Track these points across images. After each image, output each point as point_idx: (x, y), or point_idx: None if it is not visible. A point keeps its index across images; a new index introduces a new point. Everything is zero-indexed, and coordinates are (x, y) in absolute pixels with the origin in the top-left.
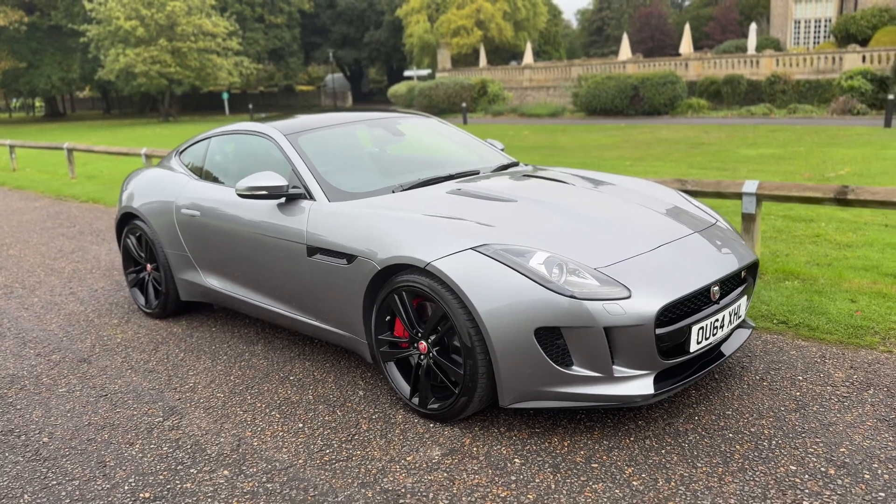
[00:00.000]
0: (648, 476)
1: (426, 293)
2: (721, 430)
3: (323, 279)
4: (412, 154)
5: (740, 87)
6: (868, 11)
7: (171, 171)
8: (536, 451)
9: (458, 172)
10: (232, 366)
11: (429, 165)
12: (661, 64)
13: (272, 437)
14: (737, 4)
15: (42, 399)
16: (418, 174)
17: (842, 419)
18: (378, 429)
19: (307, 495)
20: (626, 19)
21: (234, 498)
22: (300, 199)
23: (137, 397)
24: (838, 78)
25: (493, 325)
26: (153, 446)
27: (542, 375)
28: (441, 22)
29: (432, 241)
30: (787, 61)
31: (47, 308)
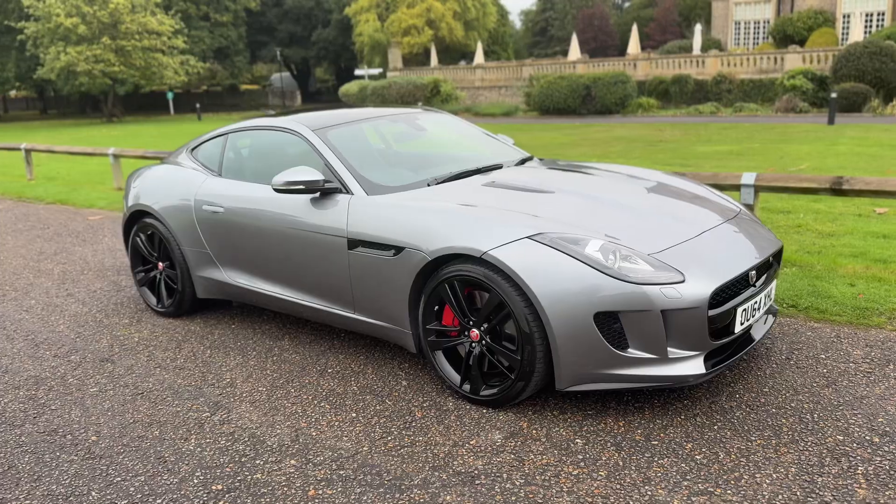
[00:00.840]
0: (708, 450)
1: (480, 282)
2: (764, 406)
3: (366, 272)
4: (435, 148)
5: (688, 86)
6: (804, 13)
7: (184, 168)
8: (595, 432)
9: (485, 166)
10: (264, 361)
11: (453, 159)
12: (610, 64)
13: (329, 427)
14: (676, 6)
15: (76, 399)
16: (447, 168)
17: (872, 392)
18: (433, 416)
19: (382, 480)
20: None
21: (310, 486)
22: (335, 193)
23: (176, 394)
24: (781, 77)
25: (553, 311)
26: (209, 440)
27: (599, 358)
28: (391, 21)
29: (486, 231)
30: (732, 61)
31: (48, 310)
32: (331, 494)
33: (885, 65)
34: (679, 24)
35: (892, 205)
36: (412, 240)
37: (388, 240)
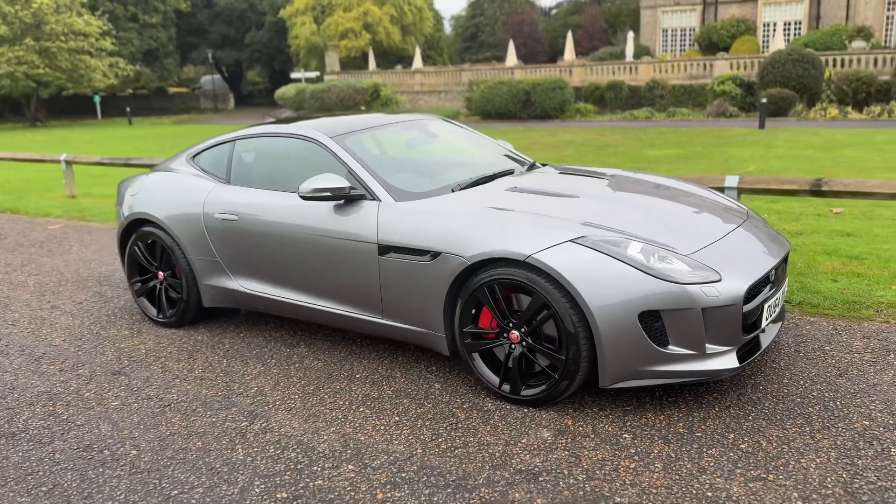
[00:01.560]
0: (750, 439)
1: (523, 285)
2: (788, 396)
3: (397, 277)
4: (445, 154)
5: (622, 92)
6: (727, 21)
7: (187, 176)
8: (639, 426)
9: (499, 172)
10: (287, 368)
11: (466, 165)
12: (546, 70)
13: (375, 431)
14: (602, 14)
15: (100, 413)
16: (462, 173)
17: (882, 380)
18: (476, 417)
19: (447, 480)
20: (499, 26)
21: (377, 489)
22: (361, 200)
23: (205, 405)
24: (711, 83)
25: (599, 312)
26: (257, 450)
27: (641, 356)
28: (328, 24)
29: (527, 235)
30: (664, 68)
31: (37, 323)
32: (400, 497)
33: (808, 71)
34: (605, 31)
35: (856, 204)
36: (449, 245)
37: (423, 246)
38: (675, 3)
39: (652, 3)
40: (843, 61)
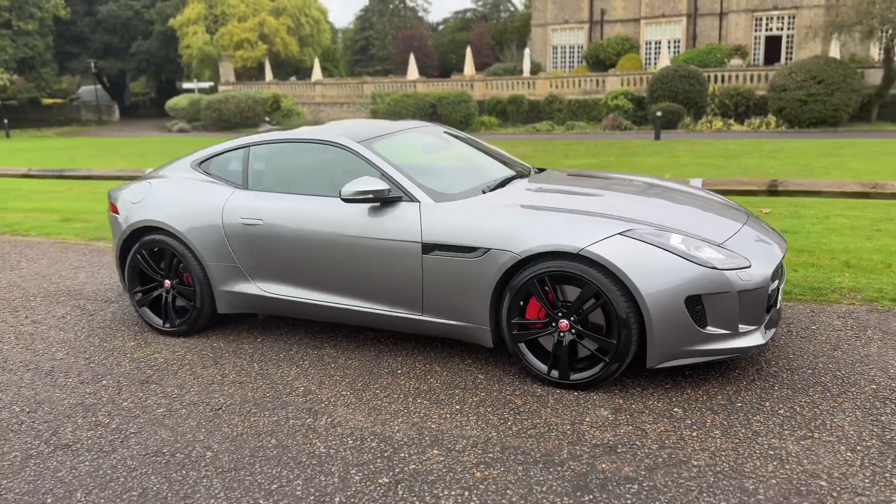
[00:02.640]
0: (785, 406)
1: (575, 276)
2: (800, 369)
3: (442, 274)
4: (457, 159)
5: (523, 106)
6: (613, 40)
7: (197, 182)
8: (684, 401)
9: (517, 174)
10: (324, 369)
11: (483, 168)
12: (448, 84)
13: (442, 419)
14: (489, 31)
15: (150, 420)
16: (486, 176)
17: (871, 351)
18: (533, 402)
19: (534, 457)
20: (389, 40)
21: (471, 469)
22: (398, 201)
23: (259, 406)
24: (604, 98)
25: (650, 298)
26: (336, 442)
27: (685, 337)
28: (222, 34)
29: (577, 230)
30: (560, 83)
31: (26, 338)
32: (497, 474)
33: (693, 87)
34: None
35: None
36: (497, 242)
37: (470, 243)
38: (564, 21)
39: (542, 21)
40: (723, 77)
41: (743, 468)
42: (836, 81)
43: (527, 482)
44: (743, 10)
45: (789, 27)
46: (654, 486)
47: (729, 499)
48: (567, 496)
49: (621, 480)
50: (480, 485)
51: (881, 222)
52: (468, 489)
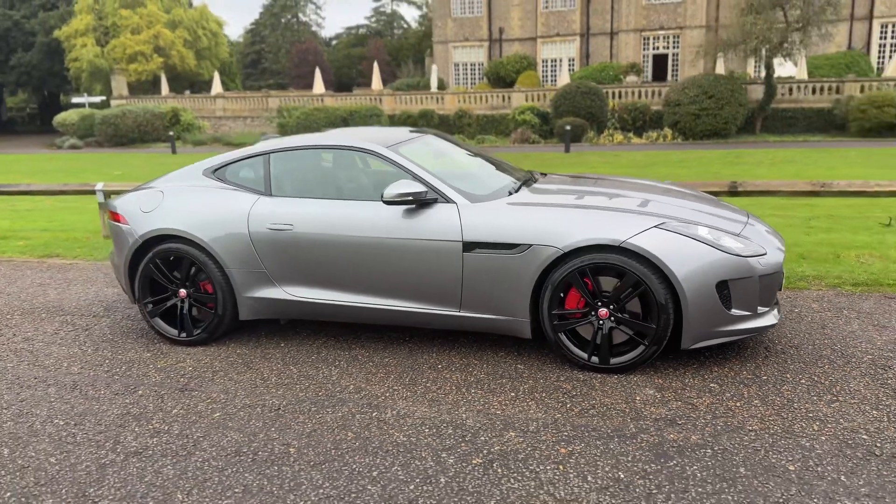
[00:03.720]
0: (804, 376)
1: (615, 266)
2: (801, 346)
3: (482, 271)
4: (467, 164)
5: (434, 120)
6: (512, 58)
7: (215, 189)
8: (716, 378)
9: (529, 177)
10: (364, 367)
11: (492, 172)
12: (356, 98)
13: (503, 406)
14: (385, 47)
15: (212, 424)
16: (501, 179)
17: (853, 328)
18: (581, 386)
19: (605, 432)
20: (283, 54)
21: (555, 445)
22: (434, 203)
23: (317, 405)
24: (511, 113)
25: (687, 284)
26: (411, 431)
27: (715, 319)
28: (113, 46)
29: (617, 224)
30: (468, 98)
31: (25, 355)
32: (581, 448)
33: (595, 102)
34: (389, 63)
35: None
36: (539, 238)
37: (512, 240)
38: (465, 39)
39: (443, 39)
40: (621, 93)
41: (792, 429)
42: (725, 96)
43: (611, 454)
44: (632, 29)
45: (675, 46)
46: (725, 449)
47: (793, 455)
48: (652, 462)
49: (693, 446)
50: (570, 459)
51: (811, 220)
52: (560, 463)
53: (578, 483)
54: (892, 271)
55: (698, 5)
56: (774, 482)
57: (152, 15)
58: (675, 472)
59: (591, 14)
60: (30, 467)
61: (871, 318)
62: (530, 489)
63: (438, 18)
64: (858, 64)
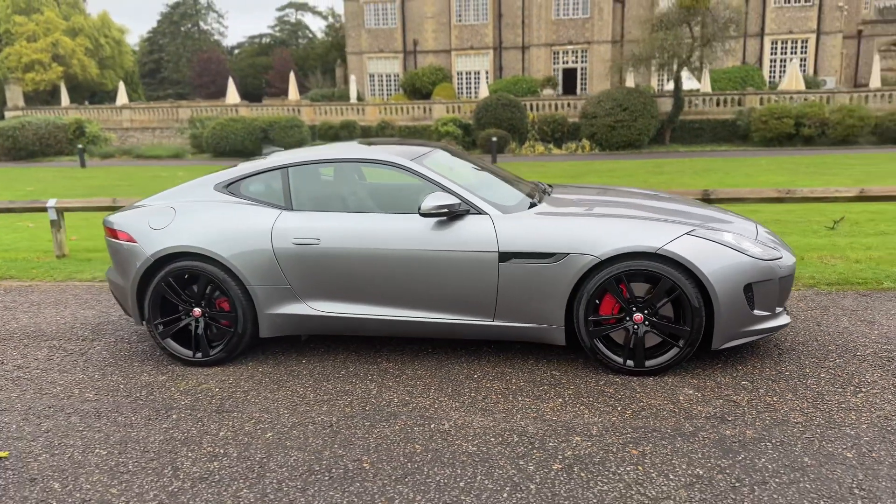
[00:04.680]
0: (823, 371)
1: (652, 273)
2: (807, 342)
3: (518, 280)
4: (481, 176)
5: (356, 131)
6: (427, 69)
7: (233, 205)
8: (744, 376)
9: (543, 188)
10: (400, 380)
11: (505, 184)
12: (273, 109)
13: (555, 412)
14: (291, 56)
15: (272, 444)
16: (518, 189)
17: (843, 324)
18: (622, 389)
19: (666, 432)
20: (184, 63)
21: (624, 447)
22: (466, 214)
23: (370, 419)
24: (434, 124)
25: (719, 287)
26: (482, 440)
27: (741, 320)
28: (7, 55)
29: (650, 231)
30: (390, 109)
31: (30, 384)
32: (652, 448)
33: (515, 114)
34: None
35: None
36: (575, 247)
37: (549, 249)
38: (379, 50)
39: (357, 50)
40: (539, 106)
41: (833, 419)
42: (638, 109)
43: (681, 452)
44: (543, 44)
45: (583, 60)
46: (782, 441)
47: (845, 443)
48: (722, 458)
49: (753, 441)
50: (644, 459)
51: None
52: (637, 463)
53: (663, 482)
54: (857, 271)
55: (605, 21)
56: (840, 469)
57: (50, 22)
58: (747, 465)
59: (503, 28)
60: (92, 500)
61: (856, 314)
62: (620, 490)
63: (352, 29)
64: (752, 78)
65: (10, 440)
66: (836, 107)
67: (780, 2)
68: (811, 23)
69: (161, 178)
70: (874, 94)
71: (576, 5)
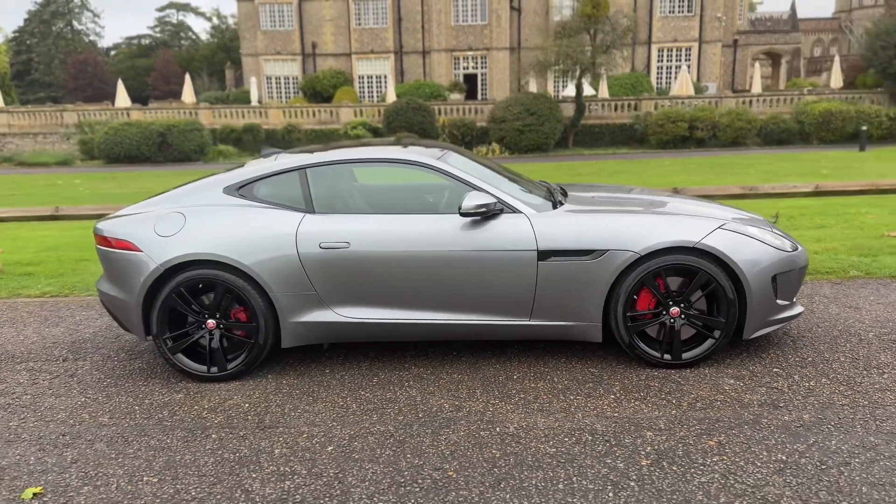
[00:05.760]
0: (842, 357)
1: (689, 267)
2: (812, 331)
3: (557, 278)
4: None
5: (260, 135)
6: (327, 73)
7: (244, 209)
8: (771, 364)
9: (558, 187)
10: (440, 384)
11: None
12: (169, 112)
13: (614, 409)
14: (175, 58)
15: (335, 458)
16: (535, 189)
17: (834, 311)
18: (666, 382)
19: (731, 422)
20: (56, 64)
21: (698, 438)
22: (500, 213)
23: (428, 426)
24: (342, 128)
25: (752, 279)
26: (554, 442)
27: (768, 310)
28: None
29: (686, 226)
30: (295, 112)
31: (29, 413)
32: (725, 439)
33: (425, 118)
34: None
35: None
36: (616, 242)
37: (588, 246)
38: (277, 52)
39: (253, 51)
40: (447, 110)
41: (875, 400)
42: (545, 113)
43: (755, 439)
44: (443, 49)
45: (483, 66)
46: (840, 423)
47: (893, 418)
48: (795, 442)
49: (814, 424)
50: (725, 449)
51: None
52: (719, 454)
53: (753, 469)
54: (820, 261)
55: (503, 28)
56: None
57: None
58: (822, 448)
59: (403, 32)
60: None
61: (839, 301)
62: (719, 480)
63: (247, 31)
64: (642, 84)
65: (36, 474)
66: (724, 111)
67: (666, 12)
68: (694, 32)
69: (58, 185)
70: (756, 98)
71: (474, 12)
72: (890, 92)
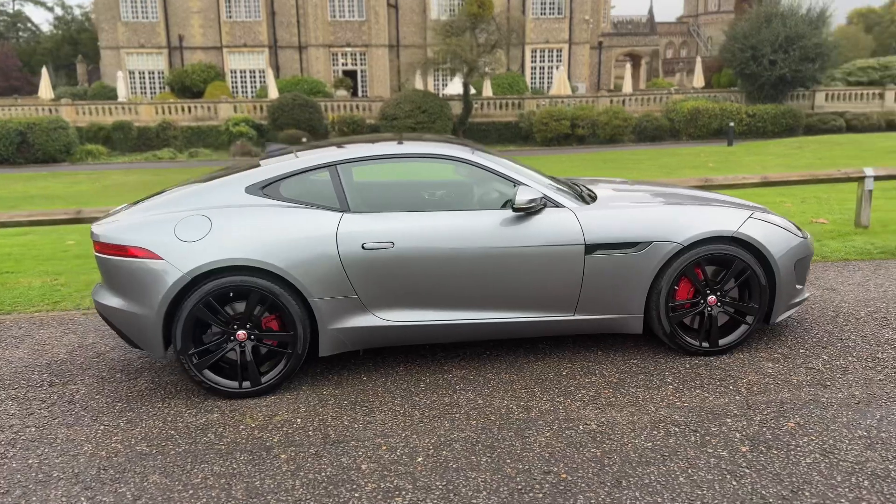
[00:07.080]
0: (853, 336)
1: (723, 255)
2: (812, 313)
3: (604, 272)
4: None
5: (132, 133)
6: (197, 67)
7: (274, 209)
8: (795, 346)
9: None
10: (490, 386)
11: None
12: (24, 109)
13: (681, 399)
14: (13, 51)
15: (461, 469)
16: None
17: (819, 294)
18: (711, 369)
19: (794, 405)
20: None
21: (779, 420)
22: (544, 208)
23: (507, 430)
24: (224, 124)
25: (781, 265)
26: (645, 438)
27: (790, 295)
28: None
29: (724, 216)
30: (168, 109)
31: (46, 448)
32: (801, 421)
33: (313, 115)
34: (22, 69)
35: None
36: (658, 235)
37: (633, 238)
38: (140, 45)
39: (113, 44)
40: (335, 107)
41: None
42: (436, 111)
43: (828, 419)
44: (320, 45)
45: (362, 63)
46: (889, 396)
47: None
48: (865, 418)
49: (870, 399)
50: (807, 429)
51: None
52: (805, 434)
53: (847, 446)
54: None
55: (381, 25)
56: None
57: None
58: (893, 421)
59: (278, 26)
60: None
61: (816, 284)
62: (820, 460)
63: (105, 22)
64: (519, 84)
65: None
66: (601, 110)
67: (538, 14)
68: (564, 34)
69: None
70: (629, 98)
71: (351, 8)
72: (746, 91)
